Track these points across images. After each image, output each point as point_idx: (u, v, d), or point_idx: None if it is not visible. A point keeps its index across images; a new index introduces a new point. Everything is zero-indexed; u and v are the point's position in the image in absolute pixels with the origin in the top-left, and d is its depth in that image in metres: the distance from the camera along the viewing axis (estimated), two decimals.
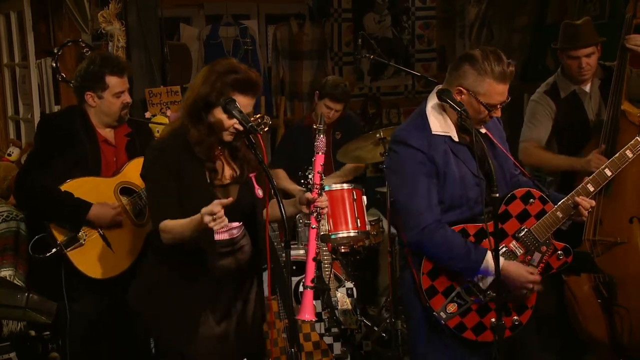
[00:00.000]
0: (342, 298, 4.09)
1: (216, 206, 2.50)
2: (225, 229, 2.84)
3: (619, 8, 5.80)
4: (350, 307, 4.10)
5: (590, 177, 3.05)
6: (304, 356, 3.82)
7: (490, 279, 2.88)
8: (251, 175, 2.91)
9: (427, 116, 2.95)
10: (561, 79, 4.17)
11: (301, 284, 4.17)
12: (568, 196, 2.99)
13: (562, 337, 4.17)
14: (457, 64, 2.91)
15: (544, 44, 4.69)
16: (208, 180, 2.81)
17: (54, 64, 4.66)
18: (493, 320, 2.89)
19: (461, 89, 2.87)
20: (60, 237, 3.43)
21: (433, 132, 2.92)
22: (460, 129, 2.95)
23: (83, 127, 3.53)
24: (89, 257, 3.46)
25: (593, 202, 3.00)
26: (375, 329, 4.69)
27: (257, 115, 3.55)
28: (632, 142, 3.11)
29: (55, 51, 4.67)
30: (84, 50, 4.69)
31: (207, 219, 2.50)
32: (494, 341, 2.76)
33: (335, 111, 4.97)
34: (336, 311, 3.98)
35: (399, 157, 2.95)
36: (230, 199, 2.62)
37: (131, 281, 3.07)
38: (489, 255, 2.85)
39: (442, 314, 2.92)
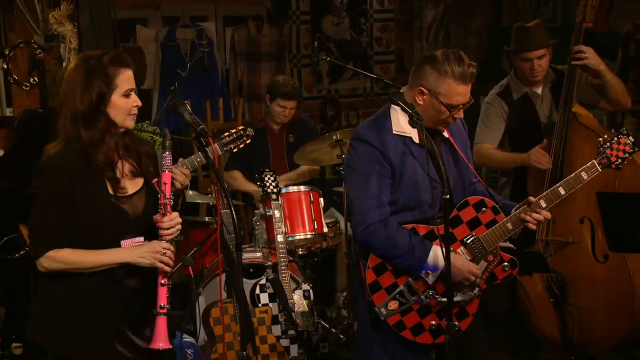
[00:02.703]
0: (298, 300, 4.08)
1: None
2: (130, 245, 2.68)
3: (571, 12, 5.91)
4: (307, 309, 4.10)
5: (544, 193, 3.07)
6: (261, 359, 3.80)
7: (435, 275, 2.91)
8: (154, 181, 2.73)
9: (390, 115, 2.97)
10: (514, 80, 4.24)
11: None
12: (520, 210, 3.01)
13: (516, 336, 4.23)
14: (419, 64, 2.94)
15: (499, 47, 4.77)
16: (111, 192, 2.64)
17: (6, 66, 4.58)
18: (433, 322, 2.95)
19: (422, 89, 2.90)
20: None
21: (394, 132, 2.94)
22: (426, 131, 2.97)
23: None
24: None
25: (541, 217, 3.00)
26: (333, 330, 4.70)
27: (240, 128, 3.50)
28: (588, 164, 3.12)
29: (7, 52, 4.60)
30: (36, 52, 4.62)
31: (166, 267, 2.59)
32: (446, 342, 2.78)
33: (290, 109, 4.97)
34: (293, 313, 3.98)
35: (356, 153, 2.98)
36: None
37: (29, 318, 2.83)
38: (435, 250, 2.89)
39: (382, 309, 2.95)
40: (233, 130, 3.36)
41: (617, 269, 3.84)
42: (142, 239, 2.69)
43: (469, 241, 2.99)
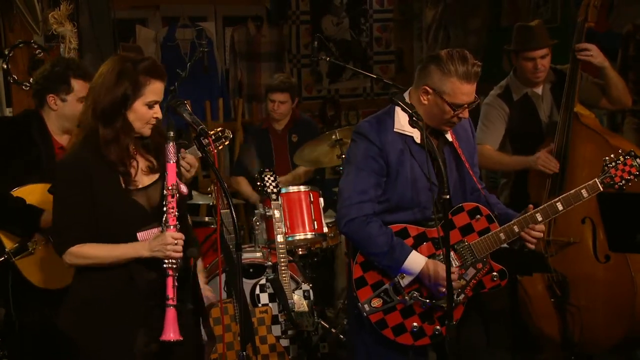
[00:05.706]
0: (298, 300, 4.08)
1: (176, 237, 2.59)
2: (146, 236, 2.68)
3: (570, 12, 5.92)
4: (306, 309, 4.09)
5: (541, 207, 3.04)
6: (260, 359, 3.79)
7: (409, 279, 2.91)
8: None
9: (394, 113, 2.96)
10: (514, 81, 4.22)
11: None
12: (514, 221, 3.00)
13: (515, 336, 4.21)
14: (424, 64, 2.94)
15: (498, 47, 4.77)
16: (123, 186, 2.67)
17: (5, 66, 4.57)
18: (415, 324, 2.95)
19: (427, 88, 2.89)
20: (8, 245, 3.34)
21: (395, 130, 2.94)
22: (430, 132, 2.95)
23: (39, 132, 3.45)
24: (39, 267, 3.37)
25: (540, 234, 2.99)
26: (333, 330, 4.70)
27: (218, 129, 3.46)
28: (590, 182, 3.09)
29: (7, 52, 4.58)
30: (36, 52, 4.61)
31: (174, 254, 2.56)
32: (446, 341, 2.77)
33: (279, 102, 4.96)
34: (293, 313, 3.97)
35: (355, 147, 3.00)
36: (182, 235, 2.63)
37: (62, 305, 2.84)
38: (413, 255, 2.89)
39: (365, 306, 2.95)
40: (212, 132, 3.27)
41: (618, 270, 3.83)
42: (160, 229, 2.69)
43: (459, 247, 2.98)
